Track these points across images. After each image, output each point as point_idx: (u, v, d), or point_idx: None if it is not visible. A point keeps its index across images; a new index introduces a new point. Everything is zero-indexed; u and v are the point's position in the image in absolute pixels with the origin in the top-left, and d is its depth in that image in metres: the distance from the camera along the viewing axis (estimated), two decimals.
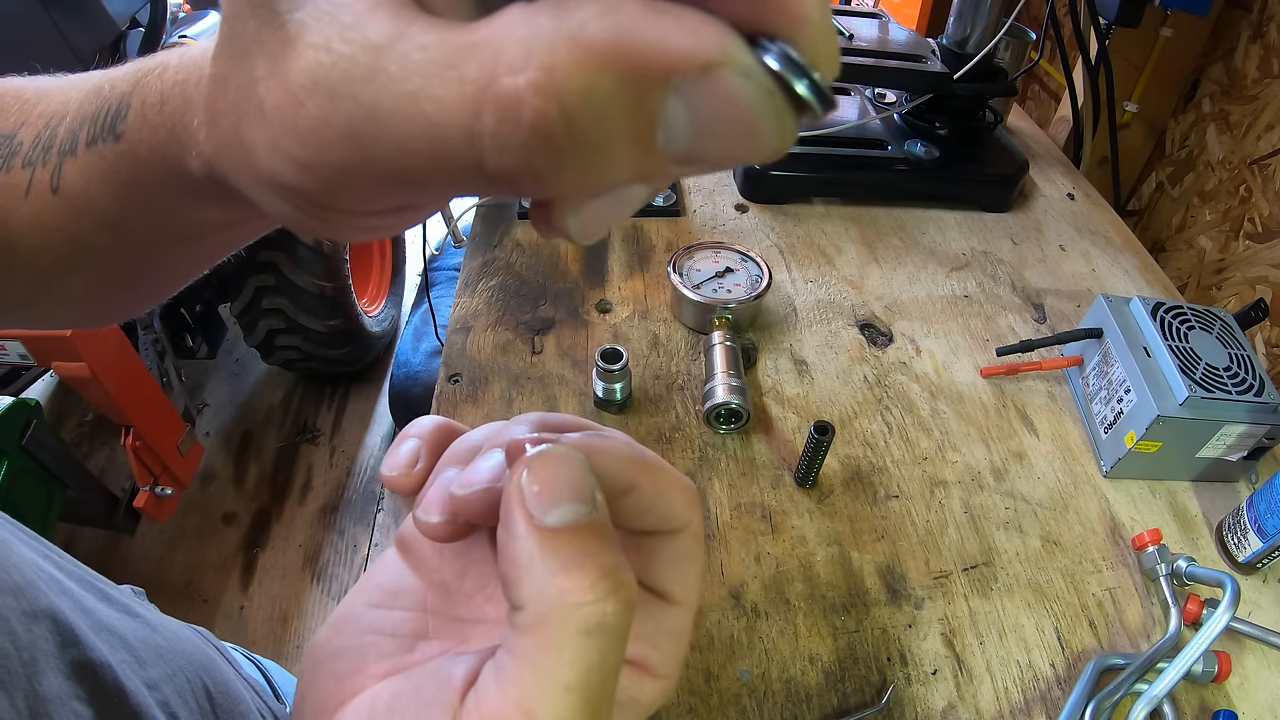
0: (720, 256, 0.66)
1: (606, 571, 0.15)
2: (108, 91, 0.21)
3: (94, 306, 0.28)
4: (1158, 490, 0.56)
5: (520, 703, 0.15)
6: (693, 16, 0.10)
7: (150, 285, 0.28)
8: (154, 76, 0.19)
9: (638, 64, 0.10)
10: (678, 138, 0.10)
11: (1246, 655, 0.46)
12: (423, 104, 0.10)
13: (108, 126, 0.20)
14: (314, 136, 0.12)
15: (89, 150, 0.21)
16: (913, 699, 0.43)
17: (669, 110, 0.10)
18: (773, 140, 0.11)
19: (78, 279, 0.25)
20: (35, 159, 0.22)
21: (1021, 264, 0.76)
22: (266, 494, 1.77)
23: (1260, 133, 0.84)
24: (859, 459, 0.55)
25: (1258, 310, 0.60)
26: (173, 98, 0.18)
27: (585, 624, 0.15)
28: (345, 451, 1.88)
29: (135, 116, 0.20)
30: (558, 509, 0.15)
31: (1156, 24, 0.90)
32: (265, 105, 0.12)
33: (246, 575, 1.60)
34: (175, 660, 0.36)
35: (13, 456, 1.12)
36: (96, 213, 0.22)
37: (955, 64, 0.77)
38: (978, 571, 0.49)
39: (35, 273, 0.24)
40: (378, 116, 0.11)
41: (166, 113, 0.19)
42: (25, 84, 0.24)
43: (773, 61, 0.10)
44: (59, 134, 0.22)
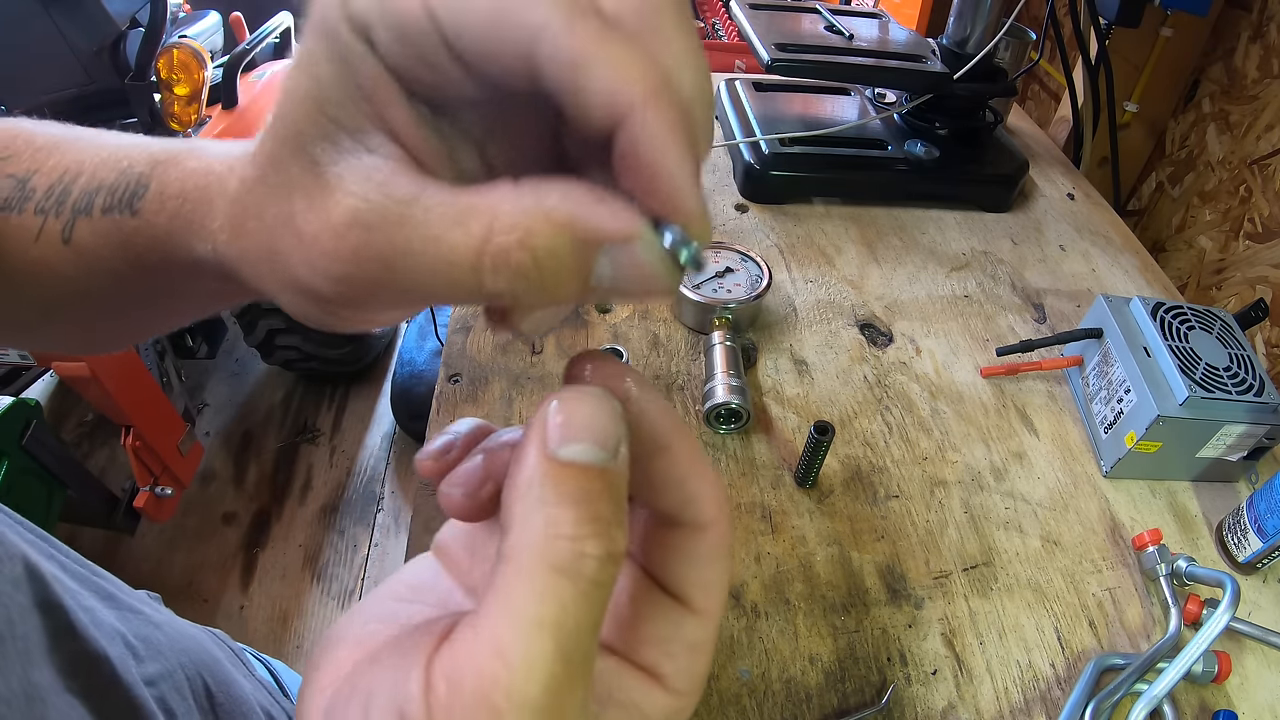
0: (720, 256, 0.66)
1: (597, 517, 0.15)
2: (125, 167, 0.24)
3: (83, 338, 0.31)
4: (1158, 490, 0.56)
5: (492, 639, 0.14)
6: (619, 204, 0.15)
7: (140, 330, 0.30)
8: (173, 167, 0.23)
9: (583, 234, 0.15)
10: (604, 280, 0.15)
11: (1246, 655, 0.46)
12: (442, 245, 0.15)
13: (125, 201, 0.23)
14: (353, 259, 0.16)
15: (104, 216, 0.23)
16: (913, 699, 0.43)
17: (599, 263, 0.15)
18: (663, 287, 0.16)
19: (73, 315, 0.27)
20: (48, 208, 0.24)
21: (1021, 264, 0.76)
22: (266, 494, 1.77)
23: (1260, 133, 0.84)
24: (859, 459, 0.55)
25: (1258, 310, 0.60)
26: (192, 196, 0.22)
27: (559, 559, 0.15)
28: (345, 451, 1.88)
29: (153, 199, 0.23)
30: (573, 445, 0.15)
31: (1156, 24, 0.90)
32: (304, 233, 0.16)
33: (246, 575, 1.60)
34: (176, 657, 0.37)
35: (13, 456, 1.13)
36: (104, 268, 0.24)
37: (955, 64, 0.77)
38: (978, 571, 0.49)
39: (38, 304, 0.26)
40: (408, 250, 0.15)
41: (185, 207, 0.22)
42: (37, 130, 0.26)
43: (667, 237, 0.15)
44: (73, 191, 0.24)
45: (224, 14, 1.95)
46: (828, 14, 0.84)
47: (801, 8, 0.88)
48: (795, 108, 0.89)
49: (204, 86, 1.49)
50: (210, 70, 1.51)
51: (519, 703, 0.14)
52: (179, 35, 1.57)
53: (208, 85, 1.50)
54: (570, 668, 0.14)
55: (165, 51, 1.42)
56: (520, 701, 0.14)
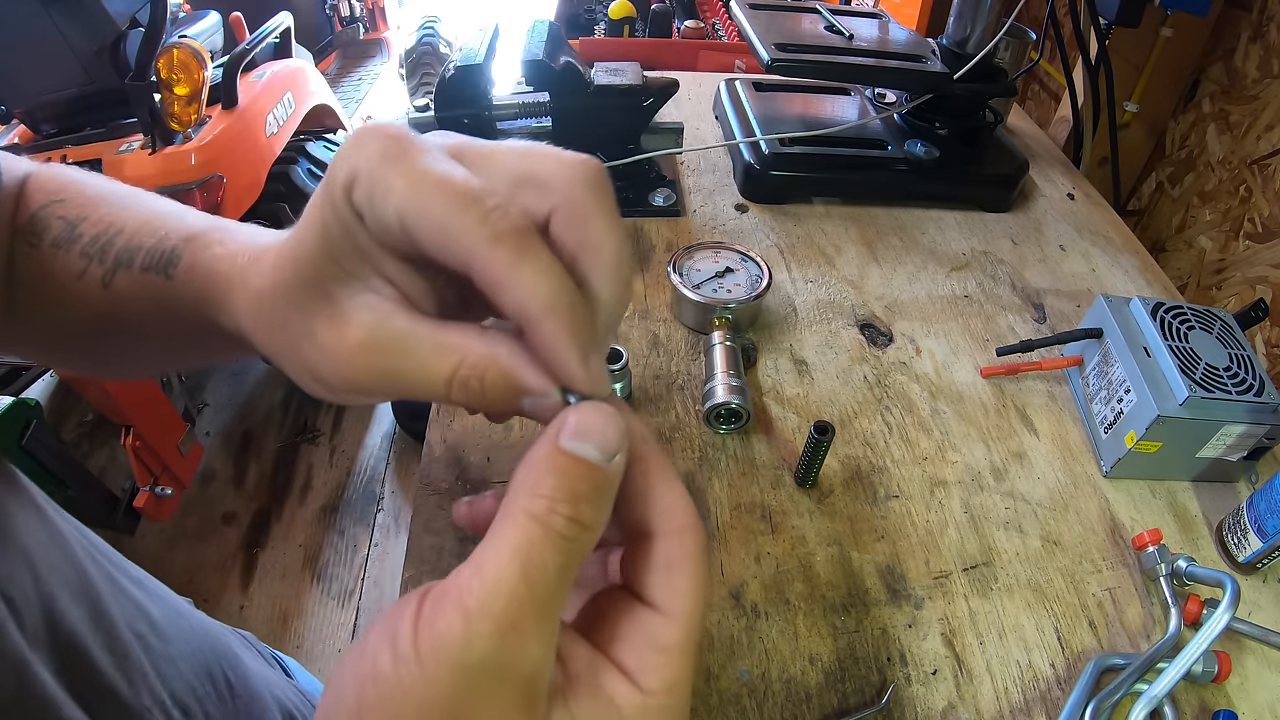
0: (720, 256, 0.66)
1: (574, 490, 0.19)
2: (162, 236, 0.28)
3: (99, 365, 0.35)
4: (1158, 490, 0.56)
5: (473, 561, 0.18)
6: (545, 375, 0.21)
7: (153, 368, 0.37)
8: (202, 250, 0.27)
9: (515, 383, 0.21)
10: (525, 407, 0.22)
11: (1246, 655, 0.46)
12: (426, 368, 0.21)
13: (161, 266, 0.27)
14: (362, 371, 0.22)
15: (143, 274, 0.28)
16: (913, 699, 0.43)
17: (524, 401, 0.22)
18: None
19: (97, 345, 0.31)
20: (93, 254, 0.28)
21: (1021, 264, 0.76)
22: (266, 494, 1.77)
23: (1260, 133, 0.84)
24: (859, 459, 0.55)
25: (1258, 310, 0.60)
26: (218, 280, 0.26)
27: (534, 509, 0.18)
28: (345, 451, 1.88)
29: (185, 270, 0.27)
30: (576, 441, 0.19)
31: (1156, 24, 0.90)
32: (324, 348, 0.22)
33: (246, 575, 1.60)
34: (196, 643, 0.38)
35: (13, 456, 1.12)
36: (137, 312, 0.28)
37: (955, 64, 0.77)
38: (978, 571, 0.49)
39: (68, 328, 0.30)
40: (403, 369, 0.22)
41: (211, 284, 0.26)
42: (87, 180, 0.31)
43: (571, 397, 0.21)
44: (116, 244, 0.28)
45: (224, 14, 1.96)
46: (828, 14, 0.84)
47: (801, 8, 0.88)
48: (795, 108, 0.89)
49: (204, 86, 1.49)
50: (210, 70, 1.51)
51: (482, 609, 0.17)
52: (179, 35, 1.57)
53: (208, 85, 1.50)
54: (533, 593, 0.17)
55: (165, 51, 1.42)
56: (484, 609, 0.17)
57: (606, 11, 1.58)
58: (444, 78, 0.71)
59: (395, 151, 0.20)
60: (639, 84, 0.73)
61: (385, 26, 3.30)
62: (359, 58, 3.13)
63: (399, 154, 0.20)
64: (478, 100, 0.71)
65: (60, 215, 0.29)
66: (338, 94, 2.36)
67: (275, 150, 1.70)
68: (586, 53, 1.06)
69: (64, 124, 1.57)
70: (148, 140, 1.47)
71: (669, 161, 0.83)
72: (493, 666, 0.17)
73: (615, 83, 0.73)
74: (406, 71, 2.80)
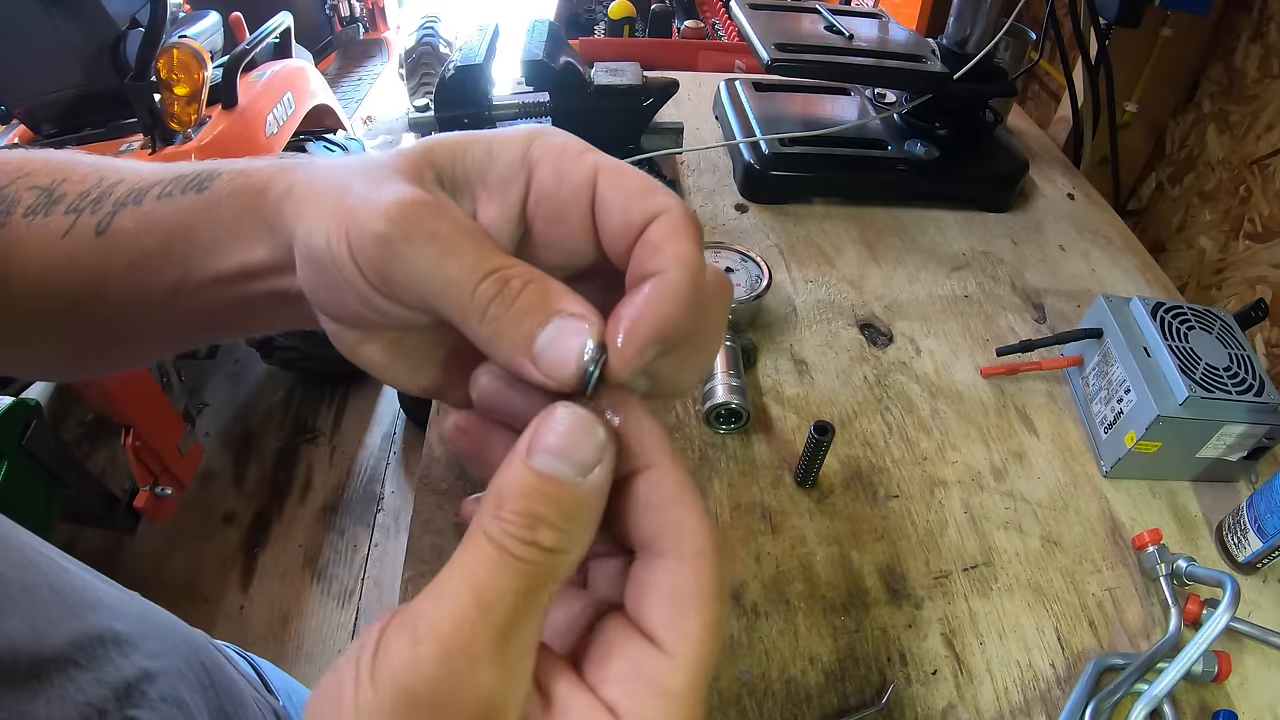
0: (720, 256, 0.66)
1: (536, 519, 0.17)
2: (192, 168, 0.26)
3: (65, 356, 0.32)
4: (1158, 490, 0.56)
5: (433, 583, 0.17)
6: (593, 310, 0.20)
7: (128, 344, 0.31)
8: (247, 162, 0.26)
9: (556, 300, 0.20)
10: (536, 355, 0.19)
11: (1246, 655, 0.46)
12: (477, 247, 0.20)
13: (192, 184, 0.26)
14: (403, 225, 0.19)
15: (159, 201, 0.26)
16: (913, 699, 0.43)
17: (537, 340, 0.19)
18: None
19: (71, 325, 0.29)
20: (83, 208, 0.27)
21: (1021, 264, 0.76)
22: (266, 494, 1.77)
23: (1260, 133, 0.84)
24: (859, 459, 0.55)
25: (1258, 310, 0.60)
26: (280, 166, 0.25)
27: (490, 530, 0.17)
28: (345, 451, 1.88)
29: (229, 175, 0.25)
30: (545, 457, 0.18)
31: (1156, 24, 0.90)
32: (376, 194, 0.20)
33: (246, 575, 1.60)
34: (173, 638, 0.38)
35: (13, 456, 1.12)
36: (137, 253, 0.26)
37: (955, 64, 0.77)
38: (978, 571, 0.49)
39: (39, 310, 0.28)
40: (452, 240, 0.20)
41: (269, 173, 0.24)
42: (52, 154, 0.29)
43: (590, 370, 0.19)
44: (115, 192, 0.27)
45: (224, 14, 1.95)
46: (828, 14, 0.84)
47: (801, 8, 0.88)
48: (795, 108, 0.89)
49: (204, 86, 1.49)
50: (210, 70, 1.51)
51: (430, 634, 0.16)
52: (179, 35, 1.57)
53: (208, 85, 1.50)
54: (486, 618, 0.16)
55: (165, 51, 1.42)
56: (431, 633, 0.16)
57: (606, 11, 1.58)
58: (444, 78, 0.71)
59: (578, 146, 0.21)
60: (639, 84, 0.73)
61: (385, 26, 3.30)
62: (359, 58, 3.14)
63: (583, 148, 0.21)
64: (478, 100, 0.71)
65: (32, 186, 0.27)
66: (338, 94, 2.36)
67: (275, 150, 1.70)
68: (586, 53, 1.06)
69: (64, 124, 1.56)
70: (148, 140, 1.47)
71: (669, 161, 0.83)
72: (440, 693, 0.16)
73: (615, 83, 0.73)
74: (406, 71, 2.80)
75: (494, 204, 0.22)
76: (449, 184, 0.22)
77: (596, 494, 0.18)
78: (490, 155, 0.22)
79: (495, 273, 0.19)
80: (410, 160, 0.21)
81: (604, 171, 0.21)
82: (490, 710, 0.16)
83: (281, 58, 1.91)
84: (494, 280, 0.19)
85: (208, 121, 1.55)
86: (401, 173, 0.21)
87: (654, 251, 0.20)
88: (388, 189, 0.20)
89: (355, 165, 0.22)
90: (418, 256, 0.19)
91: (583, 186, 0.21)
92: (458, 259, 0.19)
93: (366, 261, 0.20)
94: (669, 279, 0.19)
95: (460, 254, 0.20)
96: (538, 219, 0.22)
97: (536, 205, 0.22)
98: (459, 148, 0.22)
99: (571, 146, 0.21)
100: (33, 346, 0.31)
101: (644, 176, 0.21)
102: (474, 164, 0.22)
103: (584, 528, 0.18)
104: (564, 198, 0.21)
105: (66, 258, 0.26)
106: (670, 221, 0.20)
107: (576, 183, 0.21)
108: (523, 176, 0.21)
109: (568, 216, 0.21)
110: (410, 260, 0.20)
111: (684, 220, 0.20)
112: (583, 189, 0.21)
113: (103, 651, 0.31)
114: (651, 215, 0.20)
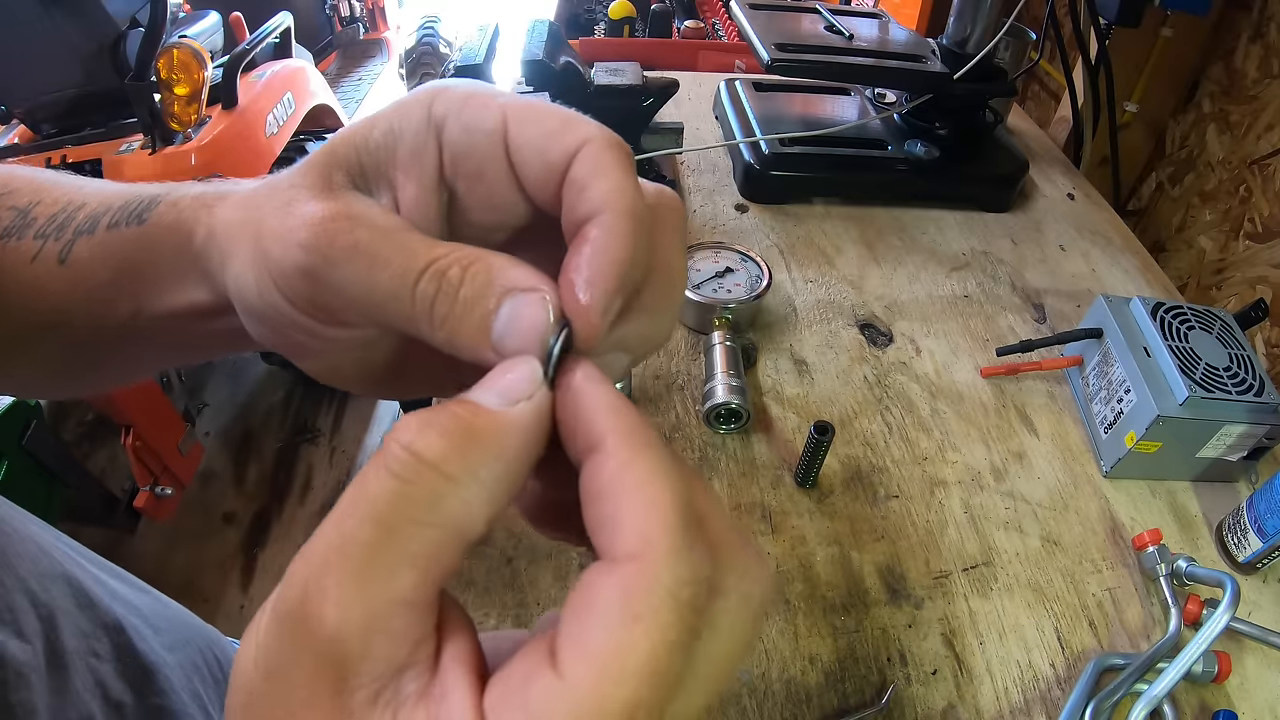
0: (720, 256, 0.66)
1: (425, 424, 0.15)
2: (137, 193, 0.26)
3: (45, 375, 0.32)
4: (1158, 490, 0.56)
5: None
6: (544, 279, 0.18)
7: (106, 366, 0.31)
8: (186, 189, 0.25)
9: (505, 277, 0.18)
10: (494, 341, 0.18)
11: (1246, 655, 0.46)
12: (407, 247, 0.19)
13: (135, 214, 0.25)
14: (324, 238, 0.19)
15: (108, 231, 0.26)
16: (913, 699, 0.43)
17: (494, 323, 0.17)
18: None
19: (43, 347, 0.29)
20: (49, 233, 0.26)
21: (1021, 264, 0.76)
22: (266, 494, 1.77)
23: (1260, 133, 0.84)
24: (859, 459, 0.55)
25: (1258, 310, 0.60)
26: (206, 196, 0.24)
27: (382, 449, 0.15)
28: (345, 451, 1.88)
29: (165, 209, 0.25)
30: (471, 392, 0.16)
31: (1156, 24, 0.90)
32: (295, 214, 0.19)
33: (246, 575, 1.60)
34: (186, 631, 0.38)
35: (13, 456, 1.13)
36: (93, 284, 0.26)
37: (955, 64, 0.77)
38: (978, 571, 0.49)
39: (16, 333, 0.28)
40: (376, 245, 0.19)
41: (196, 206, 0.24)
42: (35, 172, 0.29)
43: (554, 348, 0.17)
44: (77, 218, 0.26)
45: (224, 14, 1.95)
46: (828, 14, 0.84)
47: (801, 8, 0.88)
48: (795, 108, 0.89)
49: (204, 86, 1.49)
50: (210, 70, 1.51)
51: (300, 559, 0.14)
52: (179, 35, 1.57)
53: (208, 85, 1.50)
54: (342, 547, 0.14)
55: (165, 51, 1.42)
56: (301, 559, 0.14)
57: (606, 11, 1.58)
58: (444, 78, 0.71)
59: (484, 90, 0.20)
60: (639, 84, 0.73)
61: (385, 26, 3.30)
62: (359, 58, 3.13)
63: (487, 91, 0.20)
64: None
65: (11, 206, 0.27)
66: (338, 94, 2.36)
67: (275, 150, 1.70)
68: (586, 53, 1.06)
69: (64, 124, 1.56)
70: (148, 140, 1.47)
71: (669, 161, 0.83)
72: (291, 625, 0.14)
73: (615, 83, 0.73)
74: (406, 71, 2.80)
75: (410, 181, 0.20)
76: (359, 179, 0.20)
77: (513, 425, 0.16)
78: (393, 132, 0.20)
79: (428, 268, 0.18)
80: (316, 169, 0.20)
81: (512, 114, 0.19)
82: (334, 650, 0.14)
83: (281, 58, 1.91)
84: (430, 277, 0.18)
85: (208, 121, 1.55)
86: (309, 187, 0.20)
87: (581, 191, 0.18)
88: (297, 213, 0.19)
89: (265, 194, 0.21)
90: (345, 277, 0.18)
91: (495, 134, 0.19)
92: (385, 268, 0.18)
93: (299, 297, 0.19)
94: (606, 221, 0.17)
95: (386, 261, 0.18)
96: (459, 180, 0.20)
97: (454, 166, 0.20)
98: (359, 137, 0.20)
99: (476, 94, 0.20)
100: (15, 366, 0.31)
101: (556, 110, 0.19)
102: (379, 147, 0.20)
103: (486, 458, 0.15)
104: (479, 151, 0.19)
105: (35, 283, 0.26)
106: (593, 153, 0.18)
107: (488, 131, 0.19)
108: (432, 142, 0.20)
109: (486, 171, 0.20)
110: (339, 283, 0.19)
111: (607, 148, 0.18)
112: (495, 137, 0.19)
113: (123, 640, 0.31)
114: (571, 151, 0.18)
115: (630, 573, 0.14)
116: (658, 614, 0.14)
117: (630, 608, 0.14)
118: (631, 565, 0.14)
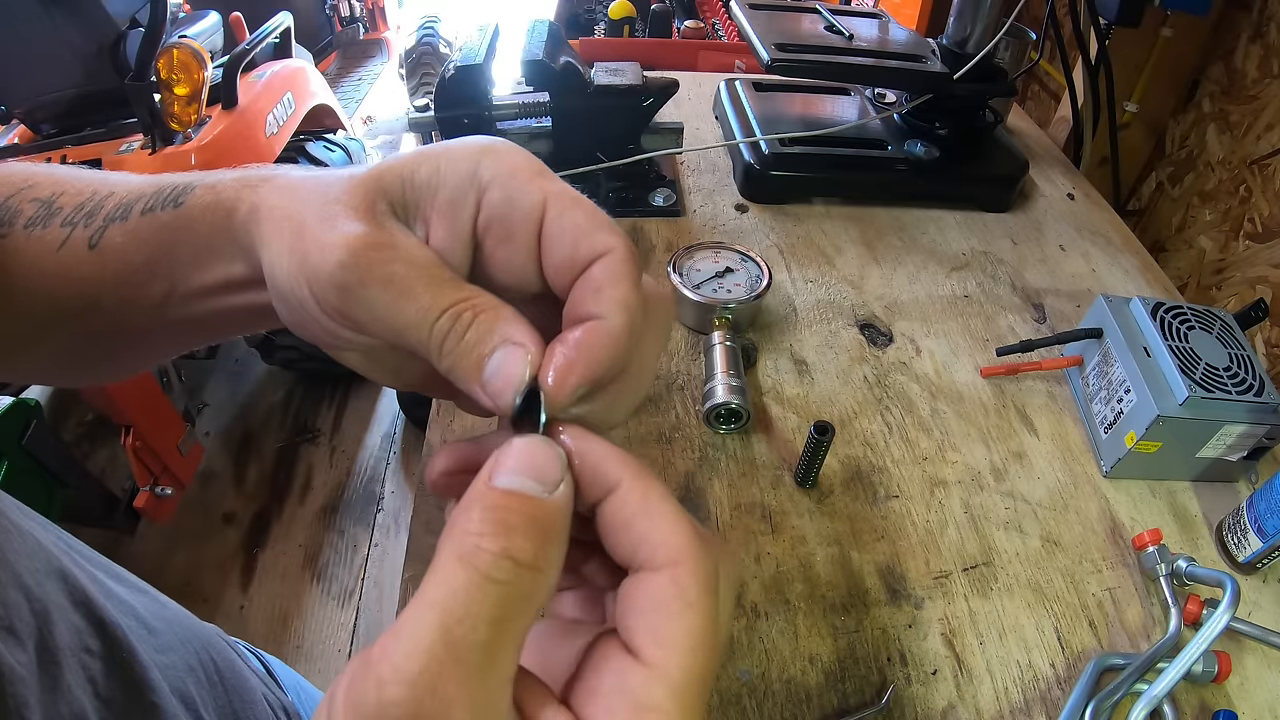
0: (720, 256, 0.66)
1: (503, 521, 0.17)
2: (171, 180, 0.27)
3: (67, 363, 0.33)
4: (1158, 490, 0.56)
5: (395, 622, 0.16)
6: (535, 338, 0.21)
7: (125, 352, 0.32)
8: (215, 176, 0.26)
9: (505, 328, 0.20)
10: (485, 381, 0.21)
11: (1246, 655, 0.46)
12: (436, 285, 0.21)
13: (170, 199, 0.26)
14: (361, 267, 0.21)
15: (143, 216, 0.27)
16: (913, 699, 0.43)
17: (486, 365, 0.20)
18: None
19: (68, 336, 0.30)
20: (77, 220, 0.27)
21: (1021, 264, 0.76)
22: (266, 494, 1.77)
23: (1260, 133, 0.84)
24: (859, 459, 0.55)
25: (1258, 310, 0.60)
26: (249, 179, 0.25)
27: (459, 548, 0.17)
28: (345, 451, 1.88)
29: (202, 190, 0.26)
30: (512, 476, 0.18)
31: (1156, 24, 0.90)
32: (336, 233, 0.21)
33: (246, 575, 1.60)
34: (183, 633, 0.38)
35: (13, 456, 1.13)
36: (124, 267, 0.27)
37: (955, 64, 0.77)
38: (978, 571, 0.49)
39: (40, 321, 0.29)
40: (408, 280, 0.21)
41: (238, 188, 0.25)
42: (55, 168, 0.30)
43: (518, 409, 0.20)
44: (106, 205, 0.27)
45: (224, 14, 1.95)
46: (828, 14, 0.84)
47: (801, 8, 0.88)
48: (795, 108, 0.89)
49: (204, 86, 1.49)
50: (210, 70, 1.51)
51: (396, 675, 0.15)
52: (179, 35, 1.57)
53: (208, 85, 1.50)
54: (455, 653, 0.15)
55: (165, 51, 1.42)
56: (397, 674, 0.15)
57: (606, 11, 1.58)
58: (444, 78, 0.71)
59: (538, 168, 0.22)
60: (639, 84, 0.73)
61: (385, 26, 3.30)
62: (359, 58, 3.13)
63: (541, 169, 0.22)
64: (478, 100, 0.71)
65: (33, 198, 0.28)
66: (338, 94, 2.36)
67: (275, 150, 1.70)
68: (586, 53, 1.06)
69: (64, 124, 1.57)
70: (148, 140, 1.47)
71: (669, 161, 0.83)
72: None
73: (615, 83, 0.73)
74: (406, 71, 2.80)
75: (444, 226, 0.22)
76: (401, 210, 0.22)
77: (563, 510, 0.18)
78: (439, 174, 0.22)
79: (449, 309, 0.20)
80: (363, 192, 0.22)
81: (553, 201, 0.21)
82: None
83: (281, 58, 1.91)
84: (448, 317, 0.20)
85: (208, 121, 1.55)
86: (355, 208, 0.22)
87: (594, 292, 0.20)
88: (340, 229, 0.21)
89: (311, 192, 0.23)
90: (375, 300, 0.21)
91: (532, 213, 0.21)
92: (414, 301, 0.20)
93: (327, 303, 0.21)
94: (605, 326, 0.20)
95: (415, 295, 0.20)
96: (488, 238, 0.22)
97: (487, 226, 0.22)
98: (407, 170, 0.22)
99: (523, 169, 0.22)
100: (35, 354, 0.31)
101: (592, 210, 0.21)
102: (423, 185, 0.22)
103: (556, 545, 0.18)
104: (513, 222, 0.22)
105: (62, 269, 0.27)
106: (613, 263, 0.21)
107: (526, 209, 0.21)
108: (472, 198, 0.22)
109: (516, 241, 0.22)
110: (368, 304, 0.21)
111: (627, 262, 0.21)
112: (532, 215, 0.21)
113: (116, 638, 0.31)
114: (596, 254, 0.21)
115: (677, 575, 0.18)
116: (701, 599, 0.18)
117: (684, 599, 0.18)
118: (675, 569, 0.18)
